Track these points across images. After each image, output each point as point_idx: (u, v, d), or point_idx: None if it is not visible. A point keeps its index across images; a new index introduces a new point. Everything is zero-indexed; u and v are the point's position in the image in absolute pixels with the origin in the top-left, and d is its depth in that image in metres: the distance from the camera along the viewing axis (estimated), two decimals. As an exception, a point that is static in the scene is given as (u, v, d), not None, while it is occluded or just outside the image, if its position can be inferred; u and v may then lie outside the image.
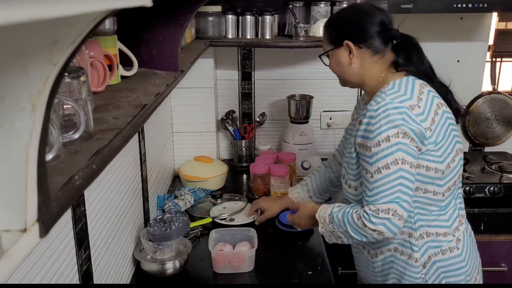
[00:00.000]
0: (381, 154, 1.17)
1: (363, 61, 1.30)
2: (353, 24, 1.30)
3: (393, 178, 1.16)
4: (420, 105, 1.20)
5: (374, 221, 1.18)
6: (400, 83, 1.24)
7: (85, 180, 0.58)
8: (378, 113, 1.18)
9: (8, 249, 0.42)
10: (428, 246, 1.26)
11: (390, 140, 1.16)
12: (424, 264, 1.27)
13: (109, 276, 1.24)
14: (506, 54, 2.41)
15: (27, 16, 0.30)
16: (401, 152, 1.16)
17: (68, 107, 0.69)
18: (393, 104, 1.18)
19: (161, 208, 1.82)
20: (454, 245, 1.28)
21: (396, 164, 1.16)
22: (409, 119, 1.17)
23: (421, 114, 1.19)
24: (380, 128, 1.17)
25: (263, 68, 2.32)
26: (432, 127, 1.20)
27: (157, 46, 1.27)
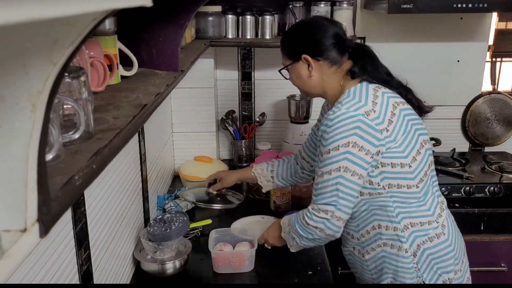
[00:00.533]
0: (328, 161, 1.26)
1: (322, 72, 1.36)
2: (309, 38, 1.37)
3: (331, 184, 1.26)
4: (376, 109, 1.26)
5: (315, 219, 1.29)
6: (354, 91, 1.30)
7: (85, 180, 0.58)
8: (333, 123, 1.25)
9: (8, 249, 0.42)
10: (416, 236, 1.31)
11: (339, 149, 1.24)
12: (414, 253, 1.31)
13: (109, 276, 1.24)
14: (506, 54, 2.41)
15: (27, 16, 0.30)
16: (346, 161, 1.24)
17: (68, 107, 0.69)
18: (348, 113, 1.24)
19: (161, 208, 1.82)
20: (440, 231, 1.32)
21: (337, 171, 1.24)
22: (363, 127, 1.23)
23: (377, 118, 1.25)
24: (333, 137, 1.24)
25: (263, 68, 2.32)
26: (390, 127, 1.26)
27: (157, 46, 1.27)
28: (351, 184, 1.25)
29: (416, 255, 1.31)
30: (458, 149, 2.40)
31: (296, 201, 1.90)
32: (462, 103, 2.41)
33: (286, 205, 1.83)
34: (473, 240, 1.99)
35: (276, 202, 1.83)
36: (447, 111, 2.39)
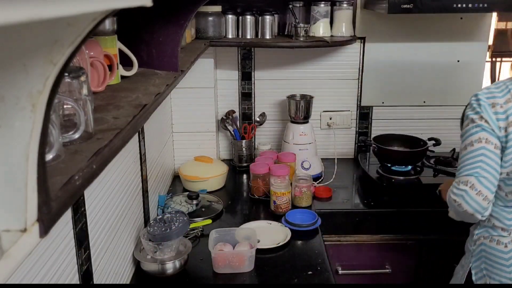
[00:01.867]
0: (468, 133, 1.31)
1: None
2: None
3: (475, 155, 1.27)
4: (504, 106, 1.28)
5: (455, 191, 1.30)
6: (505, 82, 1.33)
7: (85, 180, 0.58)
8: (470, 100, 1.33)
9: (8, 249, 0.42)
10: (485, 230, 1.38)
11: (475, 121, 1.29)
12: (475, 241, 1.40)
13: (109, 276, 1.24)
14: (506, 54, 2.41)
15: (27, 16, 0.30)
16: (485, 132, 1.27)
17: (68, 107, 0.69)
18: (480, 96, 1.31)
19: (162, 208, 1.82)
20: (505, 242, 1.34)
21: (479, 142, 1.27)
22: (486, 113, 1.28)
23: (501, 113, 1.28)
24: (468, 112, 1.32)
25: (263, 68, 2.32)
26: (509, 129, 1.27)
27: (157, 46, 1.27)
28: (494, 156, 1.27)
29: (475, 244, 1.39)
30: (458, 149, 2.40)
31: (296, 201, 1.89)
32: (462, 103, 2.40)
33: (286, 205, 1.83)
34: (473, 240, 1.99)
35: (276, 202, 1.83)
36: (447, 111, 2.39)
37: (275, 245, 1.58)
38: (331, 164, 2.22)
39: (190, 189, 2.04)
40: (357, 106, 2.37)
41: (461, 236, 1.52)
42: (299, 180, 1.89)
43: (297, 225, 1.70)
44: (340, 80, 2.33)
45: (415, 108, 2.37)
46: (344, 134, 2.38)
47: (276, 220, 1.76)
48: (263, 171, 1.95)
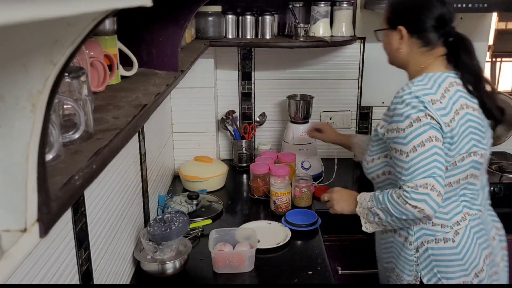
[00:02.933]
0: (415, 133, 1.22)
1: (410, 49, 1.35)
2: (412, 12, 1.34)
3: (428, 155, 1.21)
4: (442, 101, 1.26)
5: (414, 197, 1.20)
6: (431, 77, 1.30)
7: (85, 180, 0.58)
8: (403, 99, 1.25)
9: (8, 249, 0.42)
10: (424, 233, 1.32)
11: (421, 120, 1.22)
12: (417, 248, 1.33)
13: (109, 276, 1.24)
14: (506, 54, 2.41)
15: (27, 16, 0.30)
16: (433, 130, 1.22)
17: (68, 107, 0.69)
18: (417, 93, 1.25)
19: (162, 208, 1.82)
20: (450, 237, 1.31)
21: (430, 141, 1.21)
22: (430, 109, 1.23)
23: (443, 108, 1.25)
24: (409, 111, 1.24)
25: (263, 68, 2.32)
26: (451, 124, 1.25)
27: (157, 46, 1.27)
28: (443, 152, 1.23)
29: (418, 251, 1.33)
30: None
31: (296, 201, 1.89)
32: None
33: (286, 205, 1.83)
34: (473, 240, 1.99)
35: (276, 202, 1.83)
36: (447, 111, 2.39)
37: (275, 245, 1.58)
38: (331, 164, 2.21)
39: (190, 189, 2.04)
40: (357, 106, 2.37)
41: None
42: (299, 180, 1.89)
43: (297, 225, 1.70)
44: (340, 80, 2.33)
45: (415, 108, 2.37)
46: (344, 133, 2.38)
47: (276, 220, 1.76)
48: (263, 171, 1.95)
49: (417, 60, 1.36)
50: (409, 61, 1.37)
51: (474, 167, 1.31)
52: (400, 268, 1.38)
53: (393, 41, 1.37)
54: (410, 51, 1.35)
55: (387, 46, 1.42)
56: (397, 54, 1.38)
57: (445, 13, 1.31)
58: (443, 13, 1.31)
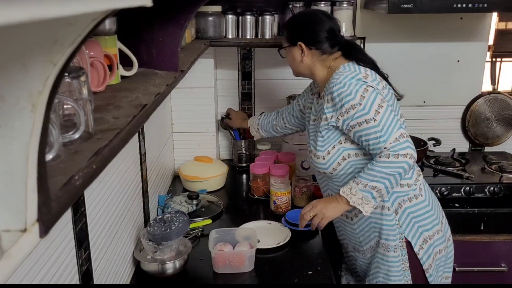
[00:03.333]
0: (370, 100, 1.35)
1: (313, 59, 1.54)
2: (307, 28, 1.54)
3: (389, 112, 1.35)
4: (371, 77, 1.43)
5: (400, 147, 1.33)
6: (349, 66, 1.47)
7: (85, 180, 0.58)
8: (344, 82, 1.39)
9: (8, 249, 0.42)
10: (397, 196, 1.45)
11: (368, 90, 1.36)
12: (396, 211, 1.46)
13: (109, 276, 1.24)
14: (506, 54, 2.41)
15: (27, 16, 0.30)
16: (380, 95, 1.38)
17: (68, 107, 0.69)
18: (351, 75, 1.41)
19: (162, 208, 1.82)
20: (418, 193, 1.47)
21: (383, 102, 1.36)
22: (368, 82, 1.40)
23: (374, 80, 1.43)
24: (355, 87, 1.37)
25: (263, 68, 2.32)
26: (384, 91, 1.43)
27: (157, 46, 1.27)
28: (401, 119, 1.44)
29: (397, 213, 1.45)
30: (458, 149, 2.40)
31: (296, 201, 1.89)
32: (462, 103, 2.41)
33: (286, 205, 1.83)
34: (473, 240, 1.99)
35: (276, 202, 1.83)
36: (447, 111, 2.39)
37: (275, 245, 1.58)
38: (331, 164, 2.21)
39: (190, 189, 2.04)
40: (357, 106, 2.36)
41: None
42: (299, 180, 1.89)
43: (297, 225, 1.70)
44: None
45: (415, 108, 2.37)
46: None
47: (276, 220, 1.76)
48: (263, 171, 1.95)
49: (321, 66, 1.54)
50: (314, 69, 1.55)
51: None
52: (385, 237, 1.46)
53: (295, 55, 1.56)
54: (312, 61, 1.54)
55: (291, 61, 1.61)
56: (301, 66, 1.57)
57: (333, 26, 1.53)
58: (332, 25, 1.52)
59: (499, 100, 2.39)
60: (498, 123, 2.41)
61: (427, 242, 1.45)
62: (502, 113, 2.40)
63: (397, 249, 1.45)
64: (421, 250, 1.45)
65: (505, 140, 2.45)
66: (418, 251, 1.44)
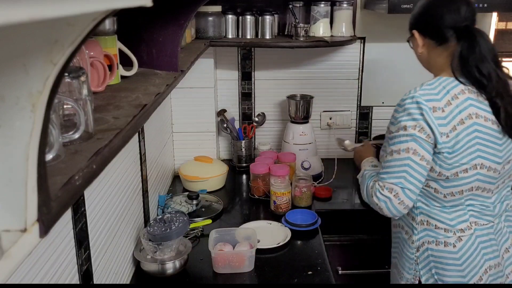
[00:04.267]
0: (397, 139, 1.27)
1: (429, 50, 1.37)
2: (423, 14, 1.36)
3: (401, 164, 1.26)
4: (445, 109, 1.24)
5: (378, 196, 1.30)
6: (442, 82, 1.29)
7: (85, 180, 0.58)
8: (405, 103, 1.27)
9: (8, 249, 0.42)
10: (427, 234, 1.35)
11: (407, 130, 1.25)
12: (418, 247, 1.37)
13: (109, 276, 1.24)
14: (506, 54, 2.41)
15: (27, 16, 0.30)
16: (414, 143, 1.24)
17: (68, 107, 0.69)
18: (419, 99, 1.25)
19: (162, 208, 1.82)
20: (452, 242, 1.33)
21: (407, 152, 1.25)
22: (428, 117, 1.23)
23: (442, 118, 1.24)
24: (403, 117, 1.26)
25: (263, 68, 2.32)
26: (451, 134, 1.24)
27: (157, 46, 1.27)
28: (420, 168, 1.25)
29: (419, 250, 1.36)
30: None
31: (296, 201, 1.89)
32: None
33: (286, 205, 1.83)
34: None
35: (276, 202, 1.83)
36: (447, 111, 2.39)
37: (275, 245, 1.58)
38: (331, 164, 2.21)
39: (190, 189, 2.04)
40: (357, 106, 2.37)
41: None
42: (299, 180, 1.89)
43: (297, 225, 1.70)
44: (340, 80, 2.33)
45: (415, 108, 2.37)
46: (344, 134, 2.38)
47: (276, 220, 1.76)
48: (263, 171, 1.95)
49: (437, 61, 1.36)
50: (431, 62, 1.39)
51: (481, 180, 1.29)
52: (401, 264, 1.42)
53: (415, 46, 1.42)
54: (429, 52, 1.37)
55: (415, 51, 1.44)
56: (420, 57, 1.42)
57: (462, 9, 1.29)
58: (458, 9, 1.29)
59: None
60: (498, 123, 2.41)
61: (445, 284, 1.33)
62: (502, 113, 2.40)
63: (409, 281, 1.40)
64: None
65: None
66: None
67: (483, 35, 1.29)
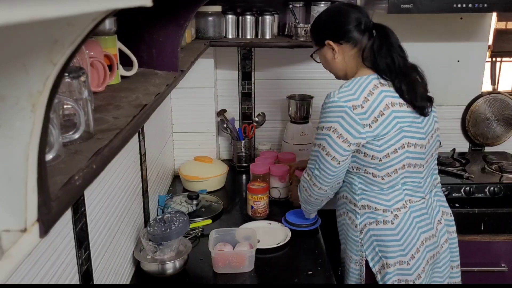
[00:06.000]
0: (316, 136, 1.43)
1: (344, 55, 1.46)
2: (331, 24, 1.47)
3: (314, 155, 1.44)
4: (364, 105, 1.35)
5: (302, 178, 1.52)
6: (357, 82, 1.39)
7: (85, 180, 0.58)
8: (326, 105, 1.39)
9: (8, 249, 0.42)
10: (367, 216, 1.45)
11: (323, 130, 1.39)
12: (361, 230, 1.46)
13: (109, 276, 1.24)
14: (506, 54, 2.41)
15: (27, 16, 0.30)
16: (325, 141, 1.39)
17: (68, 107, 0.69)
18: (339, 102, 1.36)
19: (162, 208, 1.82)
20: (389, 220, 1.43)
21: (319, 147, 1.41)
22: (347, 118, 1.35)
23: (363, 113, 1.35)
24: (322, 118, 1.41)
25: (263, 68, 2.32)
26: (374, 124, 1.36)
27: (157, 46, 1.27)
28: (326, 163, 1.41)
29: (362, 232, 1.46)
30: (458, 149, 2.40)
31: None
32: (462, 103, 2.41)
33: (263, 210, 1.80)
34: (473, 240, 1.99)
35: (253, 207, 1.79)
36: (447, 111, 2.39)
37: (275, 245, 1.58)
38: (331, 164, 2.21)
39: (190, 189, 2.04)
40: (357, 106, 2.36)
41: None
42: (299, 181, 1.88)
43: (297, 225, 1.70)
44: (340, 80, 2.32)
45: (415, 108, 2.36)
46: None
47: (276, 220, 1.76)
48: (263, 171, 1.94)
49: (353, 63, 1.46)
50: (347, 67, 1.47)
51: (410, 157, 1.40)
52: (349, 248, 1.51)
53: (327, 56, 1.49)
54: (345, 57, 1.45)
55: (325, 64, 1.54)
56: (336, 65, 1.48)
57: (358, 14, 1.43)
58: (356, 14, 1.43)
59: (499, 100, 2.39)
60: (498, 123, 2.41)
61: (384, 269, 1.43)
62: (502, 113, 2.40)
63: (357, 264, 1.49)
64: (379, 274, 1.45)
65: (505, 140, 2.45)
66: (376, 273, 1.46)
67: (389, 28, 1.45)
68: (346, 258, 1.54)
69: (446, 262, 1.53)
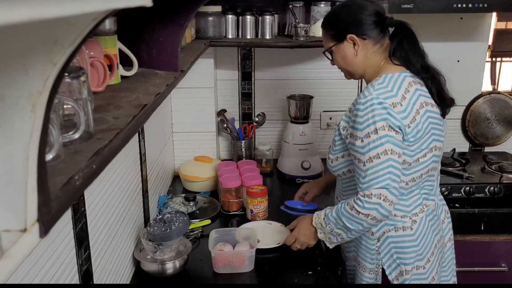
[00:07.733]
0: (372, 145, 1.26)
1: (366, 51, 1.38)
2: (352, 18, 1.37)
3: (383, 167, 1.26)
4: (403, 103, 1.29)
5: (366, 206, 1.27)
6: (390, 79, 1.32)
7: (85, 180, 0.58)
8: (365, 106, 1.27)
9: (8, 249, 0.42)
10: (385, 223, 1.38)
11: (378, 132, 1.25)
12: (378, 238, 1.40)
13: (109, 276, 1.24)
14: (506, 54, 2.41)
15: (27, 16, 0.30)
16: (389, 143, 1.26)
17: (68, 107, 0.69)
18: (378, 99, 1.27)
19: (161, 208, 1.82)
20: (408, 226, 1.38)
21: (385, 154, 1.26)
22: (392, 114, 1.26)
23: (403, 111, 1.28)
24: (368, 120, 1.26)
25: (263, 68, 2.32)
26: (412, 124, 1.29)
27: (157, 46, 1.27)
28: (399, 165, 1.27)
29: (379, 240, 1.40)
30: (458, 149, 2.40)
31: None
32: (462, 103, 2.41)
33: (263, 213, 1.78)
34: (473, 240, 1.99)
35: (253, 211, 1.77)
36: (447, 111, 2.39)
37: (275, 245, 1.58)
38: (331, 164, 2.21)
39: (190, 189, 2.04)
40: (357, 106, 2.36)
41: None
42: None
43: (298, 210, 1.69)
44: (340, 80, 2.31)
45: (415, 108, 2.37)
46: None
47: (276, 220, 1.76)
48: (234, 184, 1.84)
49: (374, 60, 1.38)
50: (367, 64, 1.39)
51: (435, 161, 1.38)
52: (362, 256, 1.44)
53: (347, 52, 1.39)
54: (367, 53, 1.37)
55: (342, 61, 1.43)
56: (355, 62, 1.39)
57: (377, 8, 1.37)
58: (376, 8, 1.36)
59: (499, 100, 2.39)
60: (498, 123, 2.41)
61: (402, 276, 1.38)
62: (502, 113, 2.40)
63: (372, 272, 1.43)
64: (396, 281, 1.40)
65: (505, 140, 2.45)
66: (393, 280, 1.41)
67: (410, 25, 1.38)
68: (357, 266, 1.47)
69: (450, 260, 1.52)
